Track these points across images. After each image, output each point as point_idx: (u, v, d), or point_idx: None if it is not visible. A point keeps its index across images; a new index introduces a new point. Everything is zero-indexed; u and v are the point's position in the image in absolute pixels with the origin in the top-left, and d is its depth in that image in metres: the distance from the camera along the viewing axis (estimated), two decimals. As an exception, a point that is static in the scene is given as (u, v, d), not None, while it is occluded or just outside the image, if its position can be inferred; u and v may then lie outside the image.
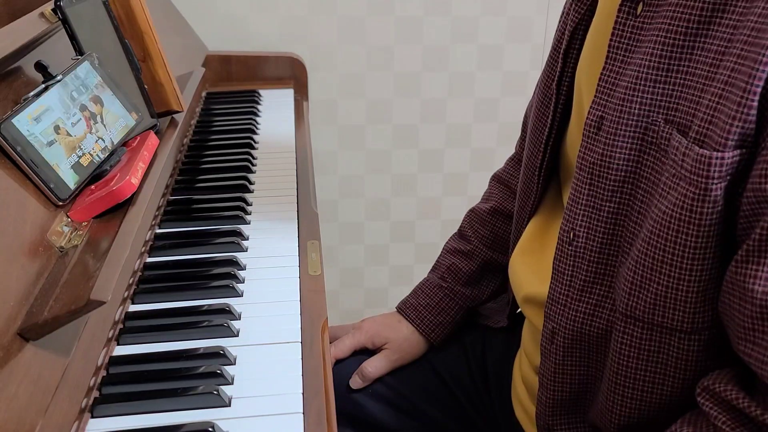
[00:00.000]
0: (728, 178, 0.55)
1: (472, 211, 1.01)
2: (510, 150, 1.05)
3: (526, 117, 0.98)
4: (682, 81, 0.59)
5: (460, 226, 1.01)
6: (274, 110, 1.40)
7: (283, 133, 1.30)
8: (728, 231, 0.57)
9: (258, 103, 1.43)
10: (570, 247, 0.68)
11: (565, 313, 0.69)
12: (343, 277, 1.83)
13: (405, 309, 0.97)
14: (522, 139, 0.99)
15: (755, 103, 0.52)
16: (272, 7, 1.55)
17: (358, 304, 1.87)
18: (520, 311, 0.99)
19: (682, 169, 0.57)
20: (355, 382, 0.93)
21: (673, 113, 0.59)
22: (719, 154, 0.54)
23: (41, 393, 0.56)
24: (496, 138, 1.73)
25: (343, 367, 0.94)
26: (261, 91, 1.48)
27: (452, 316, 0.96)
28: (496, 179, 1.02)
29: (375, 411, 0.92)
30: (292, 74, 1.54)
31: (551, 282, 0.71)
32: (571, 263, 0.68)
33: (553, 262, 0.70)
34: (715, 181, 0.55)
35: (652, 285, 0.60)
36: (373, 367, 0.93)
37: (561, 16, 0.80)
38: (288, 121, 1.36)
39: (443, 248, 1.01)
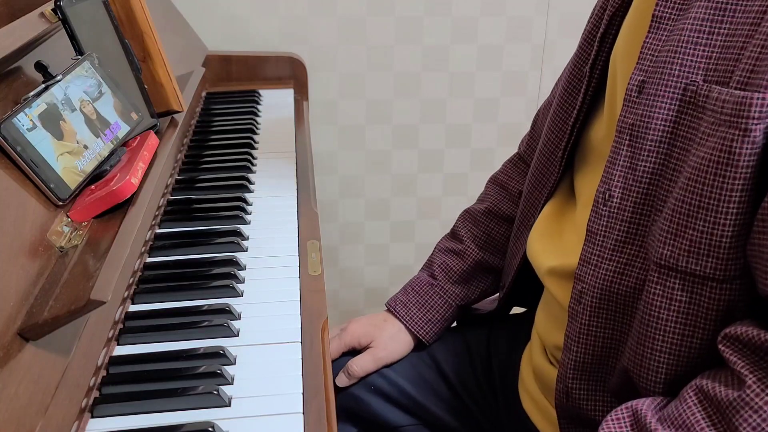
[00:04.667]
0: None
1: (466, 211, 1.02)
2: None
3: (537, 116, 0.98)
4: (722, 42, 0.61)
5: (454, 226, 1.02)
6: (274, 110, 1.40)
7: (283, 133, 1.30)
8: (765, 175, 0.58)
9: (258, 103, 1.43)
10: (605, 208, 0.69)
11: (595, 272, 0.70)
12: (343, 277, 1.83)
13: (395, 305, 0.98)
14: (530, 137, 1.00)
15: None
16: (272, 7, 1.55)
17: (358, 304, 1.87)
18: (513, 311, 1.00)
19: (722, 114, 0.59)
20: (341, 380, 0.93)
21: (712, 73, 0.62)
22: (760, 95, 0.56)
23: (41, 393, 0.56)
24: (496, 138, 1.73)
25: (343, 363, 0.94)
26: (261, 91, 1.48)
27: (441, 314, 0.96)
28: (493, 181, 1.03)
29: (377, 407, 0.93)
30: (292, 74, 1.54)
31: (584, 244, 0.72)
32: (605, 223, 0.70)
33: (588, 223, 0.71)
34: (755, 122, 0.57)
35: (688, 231, 0.62)
36: (359, 366, 0.93)
37: (595, 8, 0.82)
38: (288, 121, 1.36)
39: (435, 247, 1.02)
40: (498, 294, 0.99)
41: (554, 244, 0.81)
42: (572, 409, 0.75)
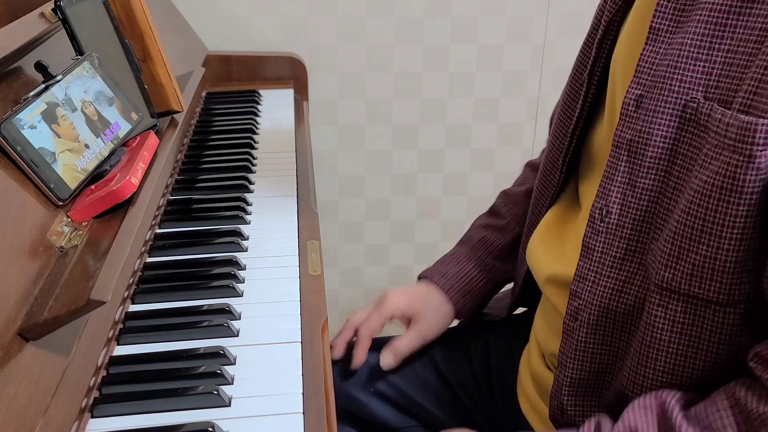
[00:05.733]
0: None
1: (505, 192, 1.01)
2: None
3: (553, 114, 0.98)
4: (723, 59, 0.60)
5: (493, 205, 1.00)
6: (274, 110, 1.40)
7: (283, 133, 1.30)
8: None
9: (258, 103, 1.43)
10: (602, 224, 0.68)
11: (592, 289, 0.69)
12: (343, 277, 1.83)
13: (432, 275, 0.94)
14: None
15: None
16: (272, 7, 1.55)
17: (358, 304, 1.87)
18: (521, 310, 1.00)
19: (726, 138, 0.57)
20: (386, 360, 0.90)
21: (713, 90, 0.60)
22: (766, 121, 0.55)
23: (41, 393, 0.56)
24: (496, 138, 1.73)
25: (344, 365, 0.94)
26: (261, 91, 1.48)
27: (480, 288, 0.94)
28: (530, 166, 1.03)
29: (376, 409, 0.92)
30: (292, 74, 1.54)
31: (580, 259, 0.71)
32: (603, 239, 0.68)
33: (583, 239, 0.70)
34: (760, 148, 0.55)
35: (690, 255, 0.61)
36: (404, 344, 0.91)
37: (597, 10, 0.80)
38: (288, 121, 1.36)
39: (473, 224, 1.00)
40: (510, 298, 0.98)
41: (554, 251, 0.80)
42: (567, 425, 0.75)
